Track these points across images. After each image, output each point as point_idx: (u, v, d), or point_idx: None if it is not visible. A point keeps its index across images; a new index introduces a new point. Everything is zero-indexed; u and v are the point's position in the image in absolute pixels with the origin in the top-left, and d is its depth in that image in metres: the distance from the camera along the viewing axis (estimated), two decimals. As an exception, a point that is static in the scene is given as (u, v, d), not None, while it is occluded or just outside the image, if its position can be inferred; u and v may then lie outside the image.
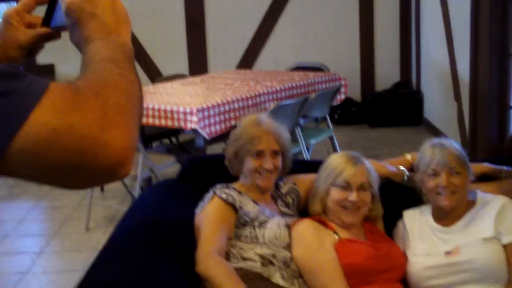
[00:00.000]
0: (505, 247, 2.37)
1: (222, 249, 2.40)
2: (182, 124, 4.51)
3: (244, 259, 2.41)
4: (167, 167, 4.85)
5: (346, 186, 2.52)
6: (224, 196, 2.53)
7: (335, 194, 2.54)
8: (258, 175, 2.60)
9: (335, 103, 5.84)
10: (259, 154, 2.60)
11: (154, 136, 5.46)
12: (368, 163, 2.60)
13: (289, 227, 2.53)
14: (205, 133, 4.47)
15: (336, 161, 2.59)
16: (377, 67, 8.41)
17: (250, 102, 4.95)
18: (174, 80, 6.01)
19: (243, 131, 2.66)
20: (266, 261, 2.40)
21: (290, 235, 2.50)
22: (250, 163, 2.59)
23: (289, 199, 2.71)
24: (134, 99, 0.96)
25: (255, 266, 2.38)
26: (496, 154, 5.36)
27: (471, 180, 2.53)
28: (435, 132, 7.14)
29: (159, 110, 4.60)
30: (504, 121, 5.45)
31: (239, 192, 2.58)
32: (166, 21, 8.23)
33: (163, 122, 4.61)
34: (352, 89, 7.08)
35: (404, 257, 2.51)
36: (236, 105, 4.82)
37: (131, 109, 0.93)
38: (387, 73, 8.40)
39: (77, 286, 2.07)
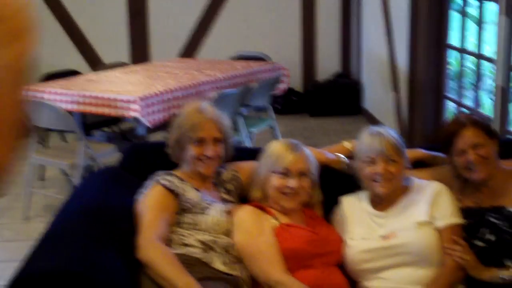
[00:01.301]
0: (438, 231, 2.46)
1: (163, 235, 2.41)
2: (123, 112, 4.50)
3: (185, 245, 2.43)
4: (108, 155, 4.81)
5: (286, 173, 2.56)
6: (165, 182, 2.54)
7: (275, 180, 2.57)
8: (200, 162, 2.62)
9: (277, 92, 5.89)
10: (201, 141, 2.61)
11: (95, 125, 5.41)
12: (307, 150, 2.64)
13: (229, 213, 2.57)
14: (146, 121, 4.46)
15: (276, 148, 2.63)
16: (318, 57, 8.49)
17: (192, 91, 4.96)
18: (115, 68, 5.95)
19: (184, 118, 2.67)
20: (207, 247, 2.43)
21: (230, 222, 2.54)
22: (191, 150, 2.61)
23: (230, 186, 2.74)
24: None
25: (196, 252, 2.41)
26: (431, 142, 5.50)
27: (407, 167, 2.61)
28: (374, 121, 7.27)
29: (100, 98, 4.57)
30: (440, 110, 5.60)
31: (181, 179, 2.60)
32: (107, 8, 8.13)
33: (104, 110, 4.58)
34: (293, 79, 7.15)
35: (341, 242, 2.57)
36: (178, 94, 4.82)
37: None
38: (327, 63, 8.49)
39: (15, 275, 2.05)
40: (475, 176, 2.53)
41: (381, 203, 2.59)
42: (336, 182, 2.77)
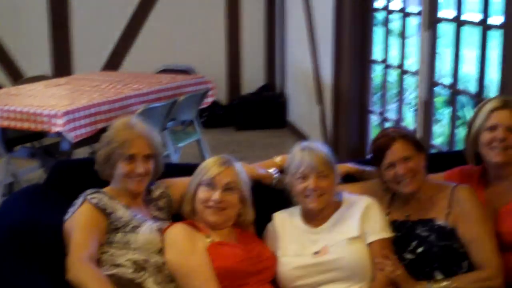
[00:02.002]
0: (369, 246, 2.48)
1: (93, 256, 2.35)
2: (46, 127, 4.38)
3: (116, 265, 2.37)
4: (31, 172, 4.67)
5: (211, 184, 2.54)
6: (94, 201, 2.48)
7: (201, 193, 2.55)
8: (130, 180, 2.56)
9: (202, 106, 5.87)
10: (131, 158, 2.56)
11: (17, 140, 5.24)
12: (239, 166, 2.63)
13: (161, 231, 2.52)
14: (71, 136, 4.36)
15: (206, 162, 2.63)
16: (243, 70, 8.52)
17: (117, 104, 4.89)
18: (37, 81, 5.79)
19: (114, 134, 2.61)
20: (139, 266, 2.38)
21: (162, 240, 2.49)
22: (121, 167, 2.55)
23: (161, 203, 2.69)
24: None
25: (127, 272, 2.36)
26: (356, 155, 5.59)
27: (338, 182, 2.63)
28: (299, 134, 7.34)
29: (21, 112, 4.44)
30: (364, 123, 5.70)
31: (111, 197, 2.54)
32: (29, 20, 7.92)
33: (26, 125, 4.46)
34: (218, 92, 7.10)
35: (274, 259, 2.55)
36: (104, 108, 4.74)
37: None
38: (252, 77, 8.53)
39: None
40: (404, 189, 2.57)
41: (313, 218, 2.60)
42: (267, 198, 2.76)
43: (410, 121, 5.86)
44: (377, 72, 5.79)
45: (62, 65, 7.96)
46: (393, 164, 2.55)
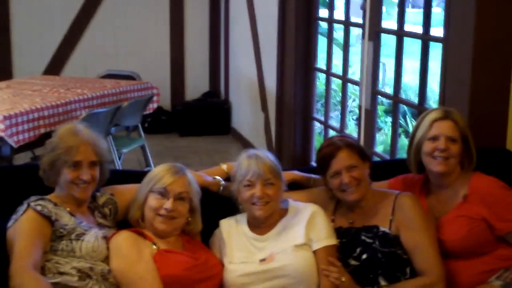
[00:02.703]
0: (315, 253, 2.52)
1: (37, 263, 2.32)
2: (-14, 132, 4.29)
3: (61, 273, 2.35)
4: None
5: (163, 193, 2.54)
6: (39, 208, 2.44)
7: (152, 200, 2.54)
8: (75, 187, 2.54)
9: (147, 111, 5.84)
10: (76, 165, 2.53)
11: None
12: (190, 175, 2.63)
13: (107, 239, 2.50)
14: (12, 141, 4.28)
15: (158, 169, 2.61)
16: (187, 76, 8.51)
17: (60, 109, 4.83)
18: (-24, 85, 5.67)
19: (59, 140, 2.57)
20: (84, 274, 2.36)
21: (108, 247, 2.47)
22: (67, 174, 2.52)
23: (106, 211, 2.67)
24: None
25: (72, 280, 2.33)
26: (300, 163, 5.64)
27: (284, 190, 2.66)
28: (243, 141, 7.37)
29: (-40, 117, 4.34)
30: (308, 131, 5.76)
31: (55, 204, 2.50)
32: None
33: (-36, 130, 4.35)
34: (162, 98, 7.08)
35: (220, 266, 2.57)
36: (46, 113, 4.67)
37: None
38: (196, 83, 8.52)
39: None
40: (349, 197, 2.61)
41: (259, 226, 2.62)
42: (214, 205, 2.77)
43: (352, 128, 5.96)
44: (320, 80, 5.86)
45: (2, 69, 7.80)
46: (338, 172, 2.60)
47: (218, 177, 2.85)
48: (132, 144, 5.64)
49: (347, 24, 5.12)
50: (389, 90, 4.61)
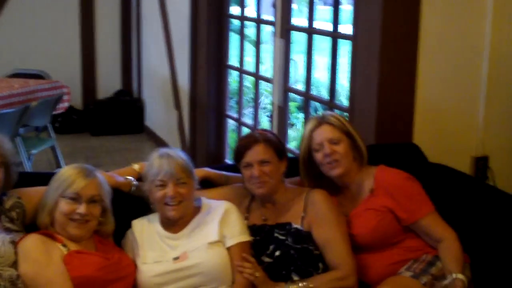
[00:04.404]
0: (229, 249, 2.53)
1: None
2: None
3: (-33, 281, 2.27)
4: None
5: (76, 198, 2.48)
6: None
7: (64, 206, 2.48)
8: None
9: (58, 111, 5.71)
10: None
11: None
12: (101, 176, 2.58)
13: (14, 243, 2.43)
14: None
15: (67, 172, 2.54)
16: (98, 74, 8.37)
17: (-36, 110, 4.66)
18: None
19: None
20: (-9, 281, 2.29)
21: (15, 252, 2.40)
22: None
23: (13, 214, 2.58)
24: None
25: (-21, 287, 2.26)
26: (214, 160, 5.65)
27: (197, 188, 2.65)
28: (157, 140, 7.31)
29: None
30: (221, 128, 5.78)
31: (-42, 209, 2.42)
32: None
33: None
34: (73, 96, 6.93)
35: (134, 266, 2.54)
36: (-51, 114, 4.50)
37: None
38: (108, 81, 8.39)
39: None
40: (256, 190, 2.64)
41: (172, 225, 2.60)
42: (126, 205, 2.73)
43: (265, 125, 6.00)
44: (233, 77, 5.88)
45: None
46: (250, 164, 2.62)
47: (129, 177, 2.81)
48: (42, 144, 5.51)
49: (258, 21, 5.15)
50: (301, 87, 4.66)
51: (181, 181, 2.55)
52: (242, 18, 5.45)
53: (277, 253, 2.56)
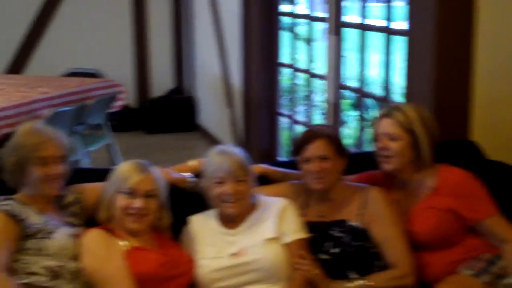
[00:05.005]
0: (286, 246, 2.53)
1: (5, 264, 2.29)
2: None
3: (31, 273, 2.33)
4: None
5: (132, 193, 2.52)
6: (5, 208, 2.41)
7: (120, 200, 2.53)
8: (44, 184, 2.51)
9: (113, 109, 5.80)
10: (44, 162, 2.50)
11: None
12: (156, 171, 2.62)
13: (76, 237, 2.48)
14: (-24, 141, 4.22)
15: (123, 168, 2.59)
16: (152, 73, 8.46)
17: (24, 109, 4.77)
18: None
19: (22, 139, 2.53)
20: (54, 274, 2.34)
21: (77, 246, 2.46)
22: (35, 171, 2.49)
23: (74, 209, 2.65)
24: None
25: (43, 280, 2.32)
26: (267, 157, 5.66)
27: (254, 185, 2.67)
28: (210, 137, 7.36)
29: None
30: (274, 126, 5.79)
31: (23, 204, 2.48)
32: None
33: None
34: (127, 95, 7.05)
35: (192, 263, 2.56)
36: (9, 112, 4.61)
37: None
38: (161, 80, 8.47)
39: None
40: (314, 185, 2.64)
41: (229, 221, 2.62)
42: (183, 202, 2.77)
43: (318, 123, 5.97)
44: (285, 75, 5.88)
45: (-39, 68, 7.69)
46: (309, 159, 2.62)
47: (186, 174, 2.84)
48: (99, 142, 5.61)
49: (310, 18, 5.15)
50: (354, 84, 4.64)
51: (240, 178, 2.57)
52: (294, 15, 5.44)
53: (334, 250, 2.55)
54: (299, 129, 5.35)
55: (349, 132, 6.02)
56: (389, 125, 2.65)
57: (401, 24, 3.89)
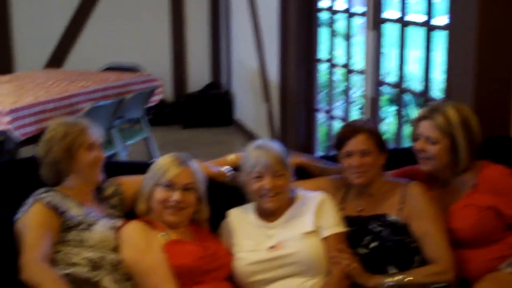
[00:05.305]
0: (324, 240, 2.53)
1: (47, 255, 2.33)
2: (-9, 125, 4.30)
3: (72, 264, 2.36)
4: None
5: (170, 186, 2.54)
6: (47, 200, 2.45)
7: (159, 193, 2.55)
8: (92, 168, 2.58)
9: (150, 104, 5.85)
10: (91, 147, 2.59)
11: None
12: (195, 164, 2.63)
13: (116, 229, 2.51)
14: (17, 135, 4.29)
15: (162, 161, 2.61)
16: (188, 68, 8.50)
17: (64, 102, 4.83)
18: (-22, 79, 5.67)
19: (65, 129, 2.57)
20: (95, 265, 2.37)
21: (118, 238, 2.48)
22: (85, 156, 2.55)
23: (114, 201, 2.68)
24: None
25: (83, 271, 2.35)
26: (304, 152, 5.63)
27: (292, 180, 2.66)
28: (246, 132, 7.37)
29: (-35, 110, 4.35)
30: (311, 121, 5.77)
31: (64, 195, 2.52)
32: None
33: (-31, 123, 4.36)
34: (164, 89, 7.09)
35: (230, 256, 2.57)
36: (50, 106, 4.68)
37: None
38: (198, 75, 8.51)
39: None
40: (355, 180, 2.63)
41: (267, 214, 2.62)
42: (221, 195, 2.78)
43: (356, 118, 5.94)
44: (322, 70, 5.86)
45: (2, 62, 7.79)
46: (350, 153, 2.61)
47: (224, 168, 2.85)
48: (137, 136, 5.65)
49: (348, 14, 5.12)
50: (392, 79, 4.60)
51: (278, 173, 2.56)
52: (332, 10, 5.42)
53: (373, 244, 2.54)
54: (336, 124, 5.33)
55: (386, 128, 5.98)
56: (429, 128, 2.62)
57: (442, 19, 3.83)
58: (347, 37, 5.21)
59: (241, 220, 2.67)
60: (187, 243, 2.51)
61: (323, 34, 5.68)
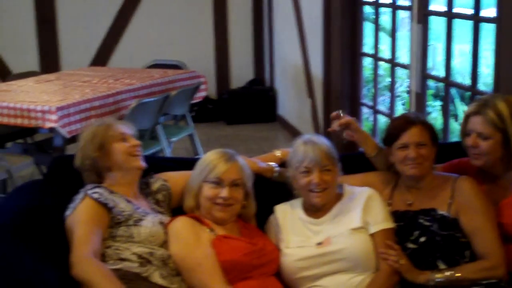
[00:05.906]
0: (372, 236, 2.51)
1: (97, 251, 2.36)
2: (40, 122, 4.36)
3: (122, 259, 2.38)
4: (24, 168, 4.65)
5: (218, 182, 2.55)
6: (95, 196, 2.48)
7: (207, 190, 2.56)
8: (131, 156, 2.62)
9: (195, 100, 5.87)
10: (125, 137, 2.65)
11: (7, 136, 5.20)
12: (242, 160, 2.64)
13: (163, 224, 2.53)
14: (65, 132, 4.35)
15: (209, 157, 2.62)
16: (232, 64, 8.52)
17: (110, 100, 4.87)
18: (26, 77, 5.76)
19: (94, 129, 2.66)
20: (144, 260, 2.39)
21: (165, 233, 2.50)
22: (119, 147, 2.61)
23: (160, 197, 2.70)
24: None
25: (133, 266, 2.36)
26: (349, 148, 5.60)
27: (340, 175, 2.65)
28: (290, 128, 7.36)
29: (14, 108, 4.42)
30: (356, 116, 5.71)
31: (111, 191, 2.54)
32: (14, 16, 7.87)
33: (19, 121, 4.43)
34: (207, 86, 7.14)
35: (277, 251, 2.57)
36: (96, 103, 4.72)
37: None
38: (241, 71, 8.53)
39: None
40: (409, 171, 2.58)
41: (315, 210, 2.61)
42: (268, 191, 2.78)
43: (400, 112, 5.88)
44: (366, 65, 5.81)
45: (49, 61, 7.93)
46: (406, 145, 2.58)
47: (271, 163, 2.85)
48: (181, 132, 5.68)
49: (394, 7, 5.06)
50: (438, 73, 4.53)
51: (326, 168, 2.55)
52: (377, 3, 5.37)
53: (422, 239, 2.51)
54: (381, 119, 5.28)
55: (433, 123, 5.92)
56: (480, 123, 2.57)
57: (489, 11, 3.76)
58: (392, 30, 5.16)
59: (288, 216, 2.66)
60: (235, 239, 2.52)
61: (367, 28, 5.63)
